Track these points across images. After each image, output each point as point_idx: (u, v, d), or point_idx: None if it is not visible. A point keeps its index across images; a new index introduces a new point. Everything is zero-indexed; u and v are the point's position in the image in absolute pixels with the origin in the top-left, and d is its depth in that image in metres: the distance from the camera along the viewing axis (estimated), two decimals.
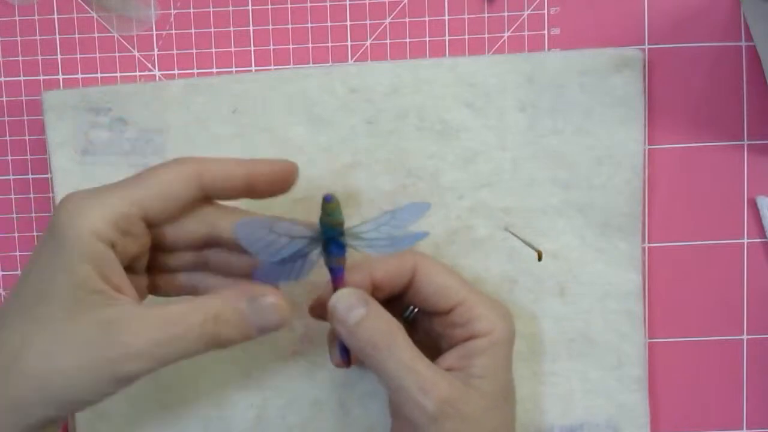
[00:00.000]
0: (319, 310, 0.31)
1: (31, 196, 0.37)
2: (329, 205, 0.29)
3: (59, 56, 0.37)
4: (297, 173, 0.30)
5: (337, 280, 0.30)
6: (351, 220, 0.31)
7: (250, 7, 0.37)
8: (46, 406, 0.26)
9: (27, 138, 0.37)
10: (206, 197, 0.29)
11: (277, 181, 0.30)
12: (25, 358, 0.26)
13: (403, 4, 0.36)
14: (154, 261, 0.30)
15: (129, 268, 0.28)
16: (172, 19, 0.37)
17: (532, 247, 0.36)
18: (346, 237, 0.30)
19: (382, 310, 0.30)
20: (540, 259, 0.36)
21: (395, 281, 0.31)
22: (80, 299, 0.26)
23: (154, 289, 0.31)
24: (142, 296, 0.30)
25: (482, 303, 0.31)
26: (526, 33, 0.37)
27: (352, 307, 0.29)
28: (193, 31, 0.37)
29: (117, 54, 0.37)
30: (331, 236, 0.29)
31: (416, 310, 0.33)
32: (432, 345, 0.32)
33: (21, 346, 0.26)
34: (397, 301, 0.32)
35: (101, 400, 0.26)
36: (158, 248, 0.30)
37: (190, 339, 0.26)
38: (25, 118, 0.37)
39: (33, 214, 0.37)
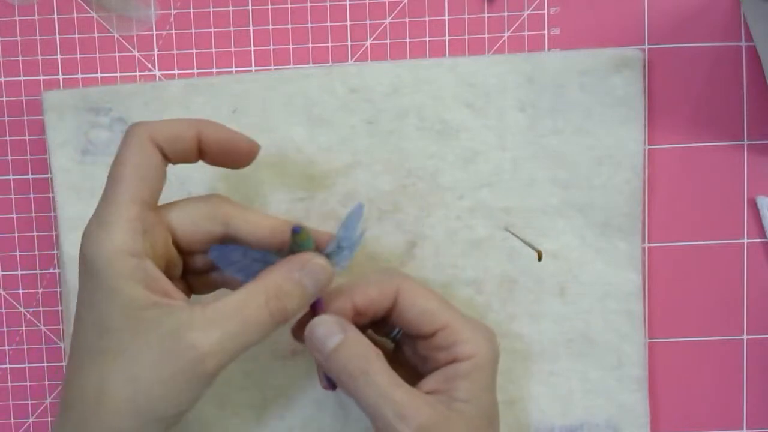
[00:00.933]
0: (300, 333, 0.31)
1: (31, 196, 0.37)
2: (298, 236, 0.29)
3: (59, 56, 0.37)
4: (256, 151, 0.30)
5: (316, 305, 0.30)
6: None
7: (250, 7, 0.37)
8: (145, 427, 0.26)
9: (27, 138, 0.37)
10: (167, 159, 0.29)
11: (231, 152, 0.30)
12: (109, 390, 0.26)
13: (403, 4, 0.36)
14: (184, 265, 0.30)
15: (168, 276, 0.29)
16: (172, 19, 0.37)
17: (532, 247, 0.36)
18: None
19: (359, 337, 0.30)
20: (540, 259, 0.36)
21: (377, 306, 0.31)
22: (138, 317, 0.26)
23: (190, 292, 0.31)
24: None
25: (465, 326, 0.30)
26: (526, 33, 0.37)
27: (329, 334, 0.29)
28: (193, 31, 0.37)
29: (117, 54, 0.37)
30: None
31: (401, 331, 0.33)
32: (417, 366, 0.32)
33: (101, 380, 0.26)
34: (384, 322, 0.32)
35: (192, 406, 0.27)
36: (182, 252, 0.30)
37: (260, 321, 0.27)
38: (25, 118, 0.37)
39: (33, 214, 0.37)
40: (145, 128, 0.28)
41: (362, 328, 0.31)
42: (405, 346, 0.33)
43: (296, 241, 0.29)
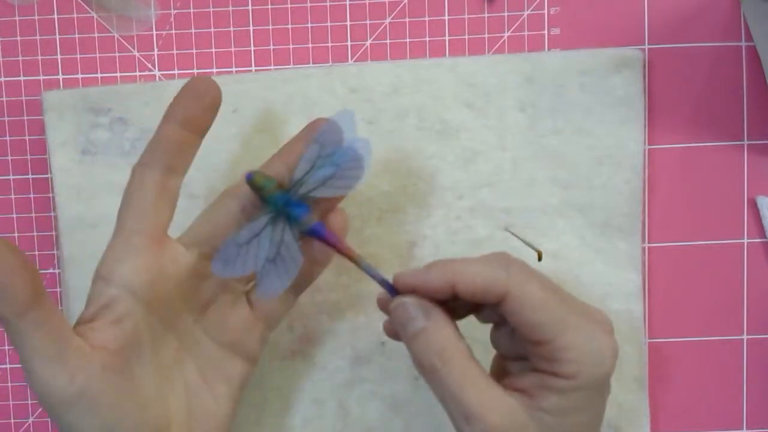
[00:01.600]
0: (382, 304, 0.30)
1: (31, 196, 0.37)
2: (254, 180, 0.28)
3: (59, 56, 0.37)
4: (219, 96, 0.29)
5: (327, 238, 0.29)
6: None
7: (250, 7, 0.36)
8: None
9: (27, 138, 0.37)
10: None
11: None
12: None
13: (403, 4, 0.36)
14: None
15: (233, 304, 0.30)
16: (172, 19, 0.37)
17: (532, 247, 0.36)
18: (292, 193, 0.29)
19: (441, 326, 0.28)
20: (540, 259, 0.36)
21: (478, 298, 0.27)
22: None
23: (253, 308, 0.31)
24: (263, 327, 0.31)
25: (574, 344, 0.27)
26: (526, 33, 0.37)
27: (411, 318, 0.28)
28: (193, 31, 0.37)
29: (117, 54, 0.37)
30: (282, 203, 0.28)
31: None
32: (517, 350, 0.29)
33: None
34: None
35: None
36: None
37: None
38: (25, 118, 0.37)
39: (33, 214, 0.37)
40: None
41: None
42: (506, 330, 0.30)
43: (256, 187, 0.28)
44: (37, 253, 0.37)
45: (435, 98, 0.36)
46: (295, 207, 0.29)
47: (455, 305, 0.29)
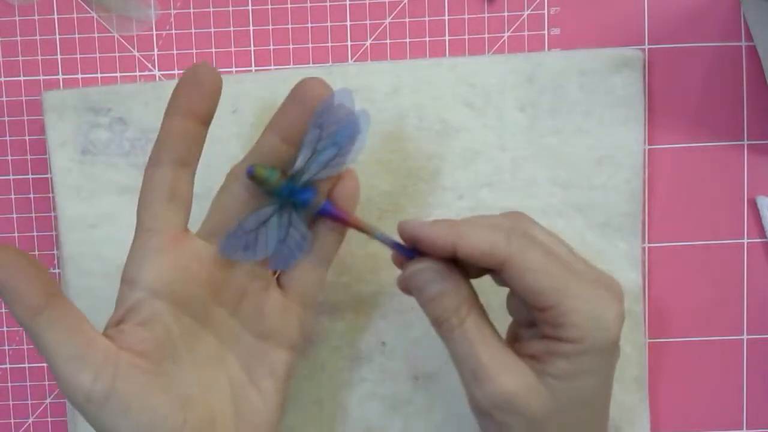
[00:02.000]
0: (396, 259, 0.30)
1: (31, 196, 0.37)
2: (256, 174, 0.27)
3: (59, 56, 0.37)
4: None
5: (336, 216, 0.29)
6: None
7: (250, 7, 0.37)
8: None
9: (27, 138, 0.37)
10: None
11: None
12: None
13: (403, 4, 0.36)
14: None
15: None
16: (172, 19, 0.37)
17: None
18: (296, 180, 0.28)
19: (459, 286, 0.28)
20: None
21: (477, 263, 0.27)
22: None
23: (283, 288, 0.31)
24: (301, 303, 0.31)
25: (578, 309, 0.27)
26: (526, 33, 0.37)
27: (428, 282, 0.28)
28: (193, 31, 0.37)
29: (117, 54, 0.37)
30: (288, 193, 0.28)
31: None
32: (527, 312, 0.29)
33: None
34: None
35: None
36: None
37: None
38: (25, 118, 0.37)
39: (33, 214, 0.37)
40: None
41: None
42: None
43: (259, 181, 0.28)
44: (37, 253, 0.37)
45: (435, 98, 0.36)
46: (301, 193, 0.28)
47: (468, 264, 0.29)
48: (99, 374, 0.25)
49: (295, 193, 0.28)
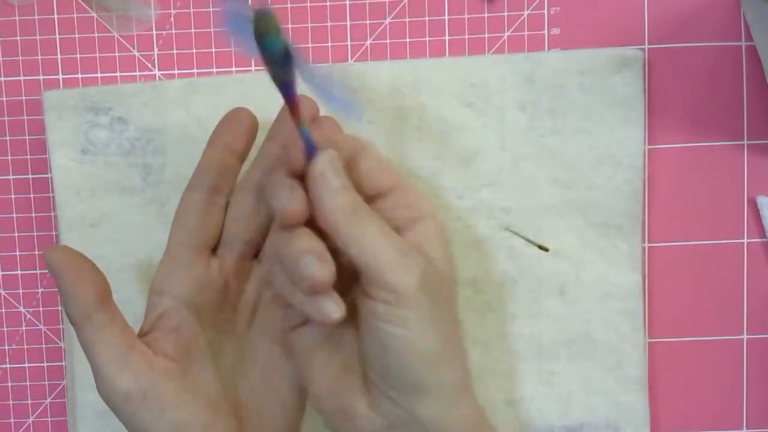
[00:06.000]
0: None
1: (31, 196, 0.37)
2: (260, 22, 0.24)
3: (59, 56, 0.37)
4: None
5: (288, 97, 0.27)
6: None
7: None
8: None
9: (27, 138, 0.37)
10: None
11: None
12: None
13: (403, 4, 0.36)
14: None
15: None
16: (172, 19, 0.37)
17: (535, 244, 0.36)
18: (288, 62, 0.26)
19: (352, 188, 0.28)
20: (547, 250, 0.36)
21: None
22: None
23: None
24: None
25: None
26: (526, 33, 0.37)
27: (338, 175, 0.28)
28: (193, 31, 0.37)
29: (117, 54, 0.37)
30: (278, 52, 0.25)
31: None
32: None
33: None
34: None
35: None
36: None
37: None
38: (25, 118, 0.37)
39: (33, 214, 0.37)
40: None
41: None
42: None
43: (260, 29, 0.24)
44: (37, 253, 0.37)
45: (435, 98, 0.36)
46: (285, 58, 0.25)
47: None
48: (139, 376, 0.28)
49: (284, 57, 0.25)
